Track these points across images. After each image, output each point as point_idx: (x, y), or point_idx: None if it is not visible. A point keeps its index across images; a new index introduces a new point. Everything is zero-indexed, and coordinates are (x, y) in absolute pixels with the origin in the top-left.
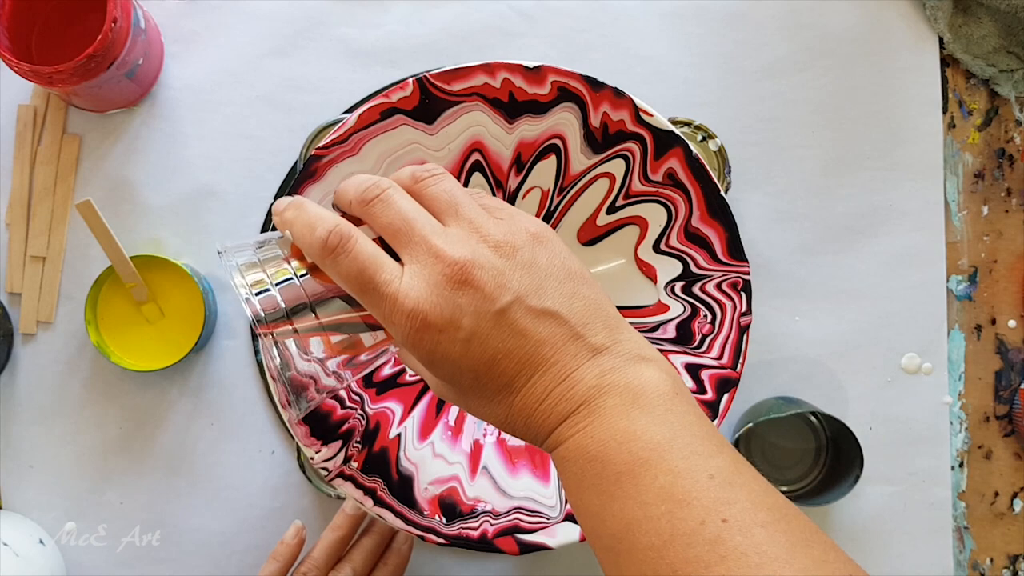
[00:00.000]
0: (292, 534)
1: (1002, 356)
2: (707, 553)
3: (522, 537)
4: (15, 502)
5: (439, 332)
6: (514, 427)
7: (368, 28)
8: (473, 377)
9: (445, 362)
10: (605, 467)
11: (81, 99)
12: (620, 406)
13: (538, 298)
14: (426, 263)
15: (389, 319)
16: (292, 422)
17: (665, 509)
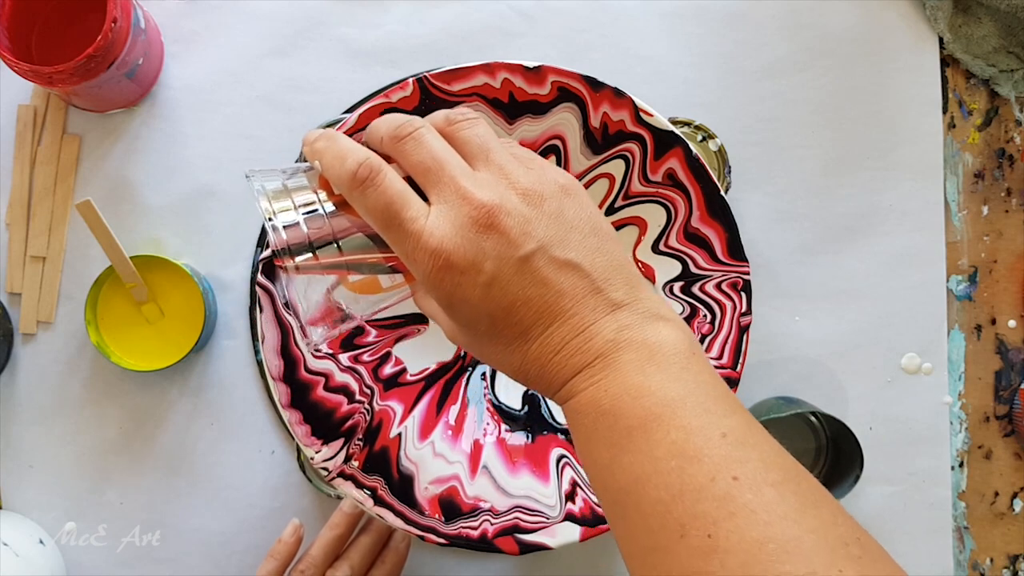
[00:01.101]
0: (290, 532)
1: (1002, 356)
2: (716, 509)
3: (522, 537)
4: (15, 502)
5: (460, 274)
6: (527, 376)
7: (368, 28)
8: (490, 323)
9: (464, 305)
10: (617, 421)
11: (81, 99)
12: (636, 362)
13: (562, 249)
14: (453, 204)
15: (411, 257)
16: (291, 422)
17: (675, 464)
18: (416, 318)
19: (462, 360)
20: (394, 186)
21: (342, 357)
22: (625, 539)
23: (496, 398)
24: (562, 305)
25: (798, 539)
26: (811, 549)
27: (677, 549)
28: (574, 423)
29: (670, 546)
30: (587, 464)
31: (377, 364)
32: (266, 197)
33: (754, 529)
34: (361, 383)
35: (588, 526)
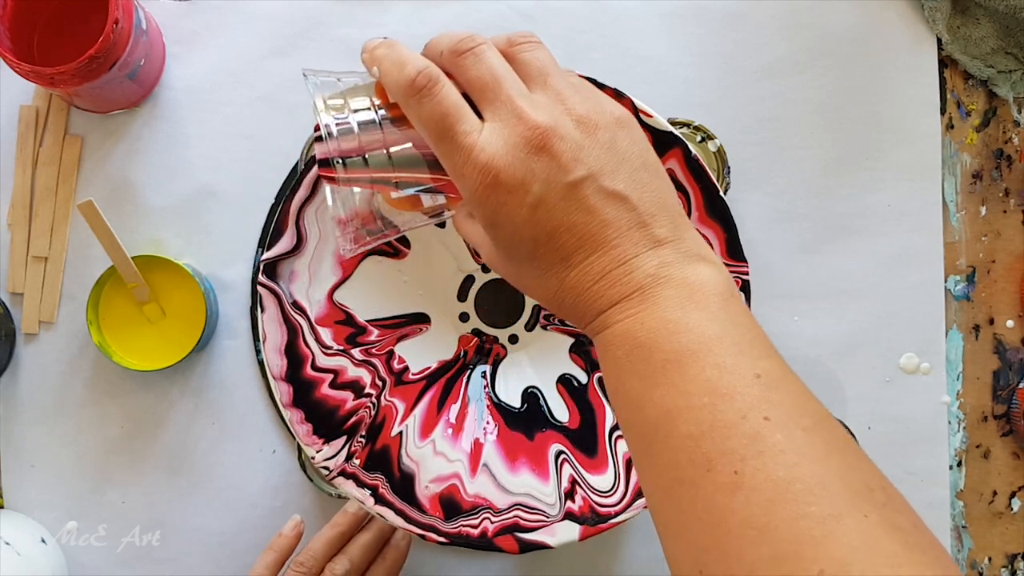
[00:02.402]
0: (291, 527)
1: (1000, 356)
2: (745, 446)
3: (522, 536)
4: (17, 501)
5: (508, 193)
6: (562, 303)
7: (368, 28)
8: (532, 246)
9: (507, 225)
10: (651, 354)
11: (83, 100)
12: (675, 298)
13: (611, 179)
14: (507, 122)
15: (460, 171)
16: (292, 421)
17: (708, 400)
18: (417, 317)
19: (463, 359)
20: (450, 97)
21: (355, 352)
22: (649, 473)
23: (496, 396)
24: (606, 235)
25: (825, 481)
26: (837, 492)
27: (703, 483)
28: (605, 355)
29: (696, 480)
30: (616, 397)
31: (387, 358)
32: (322, 97)
33: (781, 469)
34: (375, 375)
35: (588, 525)
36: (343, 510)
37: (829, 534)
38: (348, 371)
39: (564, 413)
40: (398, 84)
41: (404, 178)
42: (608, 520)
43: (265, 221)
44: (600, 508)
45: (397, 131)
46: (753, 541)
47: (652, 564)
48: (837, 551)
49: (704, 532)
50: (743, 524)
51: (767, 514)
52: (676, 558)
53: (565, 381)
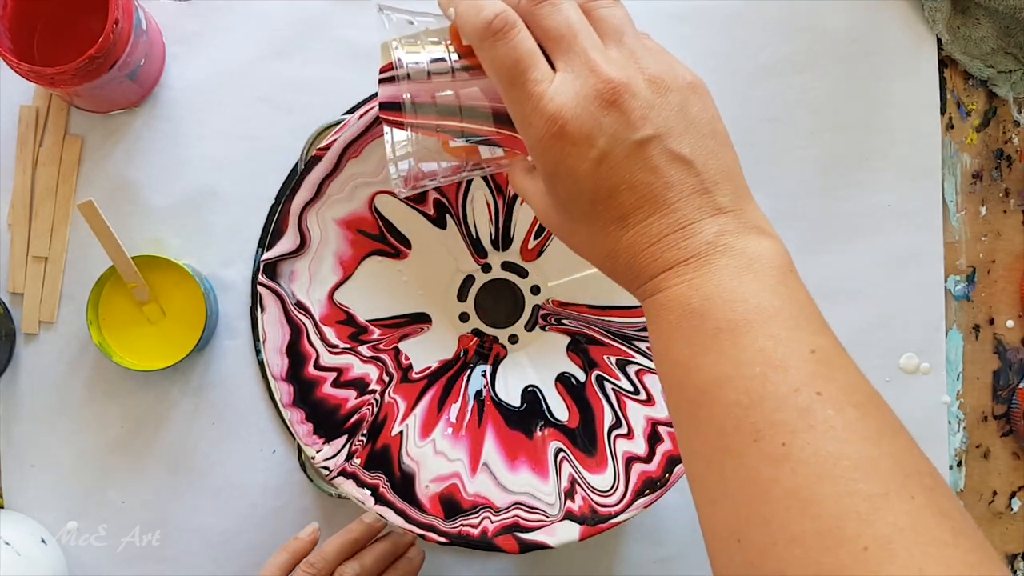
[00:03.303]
0: (308, 532)
1: (1000, 356)
2: (795, 419)
3: (522, 536)
4: (17, 501)
5: (572, 144)
6: (615, 263)
7: (369, 30)
8: (591, 201)
9: (568, 178)
10: (704, 321)
11: (83, 100)
12: (732, 267)
13: (678, 142)
14: (580, 74)
15: (527, 119)
16: (293, 421)
17: (760, 371)
18: (418, 317)
19: (463, 358)
20: (525, 43)
21: (362, 349)
22: (691, 439)
23: (496, 395)
24: (667, 197)
25: (874, 460)
26: (887, 472)
27: (748, 453)
28: (656, 318)
29: (741, 449)
30: (663, 362)
31: (395, 353)
32: (397, 36)
33: (831, 444)
34: (383, 369)
35: (588, 525)
36: (359, 519)
37: (875, 512)
38: (354, 369)
39: (564, 412)
40: (474, 26)
41: (469, 128)
42: (608, 520)
43: (265, 221)
44: (600, 508)
45: (468, 78)
46: (797, 513)
47: (652, 564)
48: (882, 529)
49: (746, 501)
50: (788, 495)
51: (813, 487)
52: (712, 525)
53: (564, 379)
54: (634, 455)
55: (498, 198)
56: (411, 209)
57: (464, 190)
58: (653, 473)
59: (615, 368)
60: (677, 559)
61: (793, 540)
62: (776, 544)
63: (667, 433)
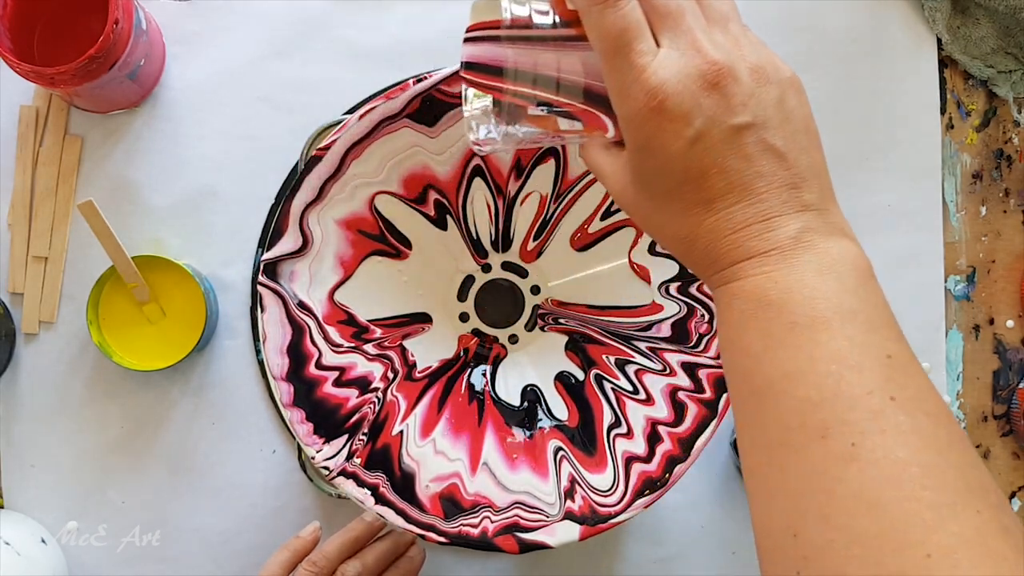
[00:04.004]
0: (309, 530)
1: (1000, 356)
2: (867, 421)
3: (522, 536)
4: (17, 501)
5: (669, 120)
6: (691, 246)
7: (369, 30)
8: (678, 181)
9: (660, 154)
10: (781, 314)
11: (83, 100)
12: (814, 264)
13: (773, 134)
14: (685, 52)
15: (626, 90)
16: (293, 421)
17: (834, 369)
18: (419, 317)
19: (463, 357)
20: (634, 13)
21: (367, 348)
22: (752, 430)
23: (496, 394)
24: (756, 187)
25: (942, 470)
26: (954, 483)
27: (813, 449)
28: (727, 306)
29: (806, 445)
30: (731, 350)
31: (402, 351)
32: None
33: (902, 449)
34: (388, 367)
35: (588, 525)
36: (360, 518)
37: (940, 521)
38: (357, 367)
39: (563, 411)
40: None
41: (559, 101)
42: (608, 520)
43: (265, 221)
44: (600, 508)
45: (566, 46)
46: (860, 514)
47: (652, 564)
48: (946, 539)
49: (807, 496)
50: (852, 496)
51: (880, 491)
52: (767, 518)
53: (563, 378)
54: (634, 455)
55: (498, 199)
56: (411, 209)
57: (464, 191)
58: (653, 473)
59: (614, 368)
60: (677, 559)
61: (854, 540)
62: (835, 542)
63: (667, 433)
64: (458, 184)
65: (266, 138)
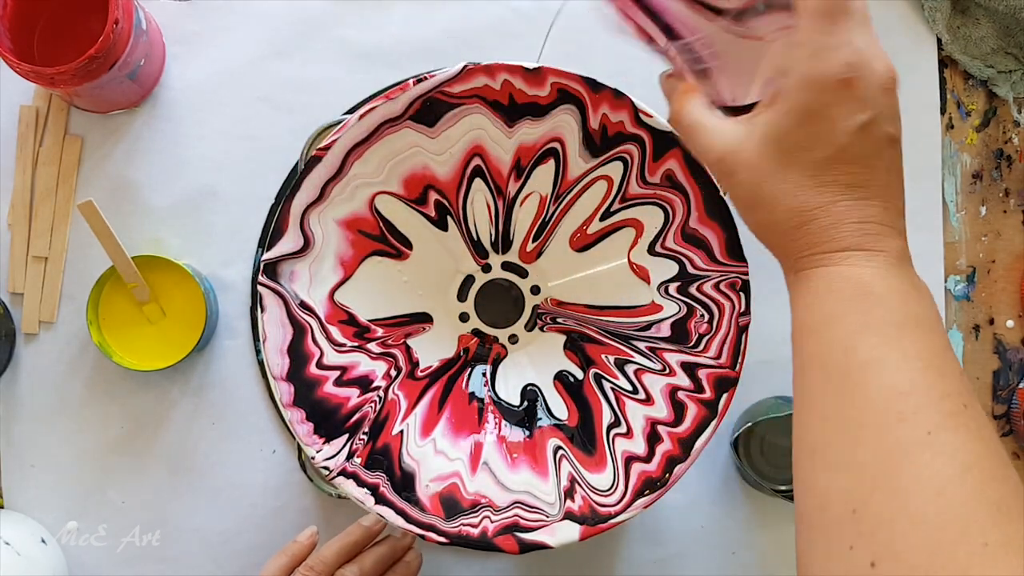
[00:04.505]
0: (306, 535)
1: (1000, 356)
2: (943, 416)
3: (522, 536)
4: (17, 501)
5: (851, 99)
6: (807, 219)
7: (369, 30)
8: (830, 158)
9: (825, 124)
10: (878, 307)
11: (83, 100)
12: (911, 277)
13: (902, 158)
14: (873, 44)
15: (825, 51)
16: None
17: (921, 367)
18: (419, 317)
19: (463, 357)
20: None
21: (371, 346)
22: (826, 406)
23: (496, 394)
24: (888, 195)
25: (1005, 476)
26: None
27: (890, 430)
28: (823, 288)
29: (884, 426)
30: (819, 328)
31: (406, 349)
32: None
33: (970, 449)
34: (392, 364)
35: (588, 525)
36: (358, 523)
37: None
38: (359, 366)
39: (563, 411)
40: None
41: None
42: (608, 520)
43: (265, 221)
44: (600, 508)
45: None
46: (926, 498)
47: (652, 564)
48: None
49: (876, 474)
50: (921, 480)
51: (947, 480)
52: (824, 494)
53: (562, 377)
54: (634, 455)
55: (498, 199)
56: (411, 210)
57: (464, 191)
58: (653, 473)
59: (613, 367)
60: (677, 559)
61: (916, 522)
62: (896, 522)
63: (666, 433)
64: (458, 185)
65: (266, 138)
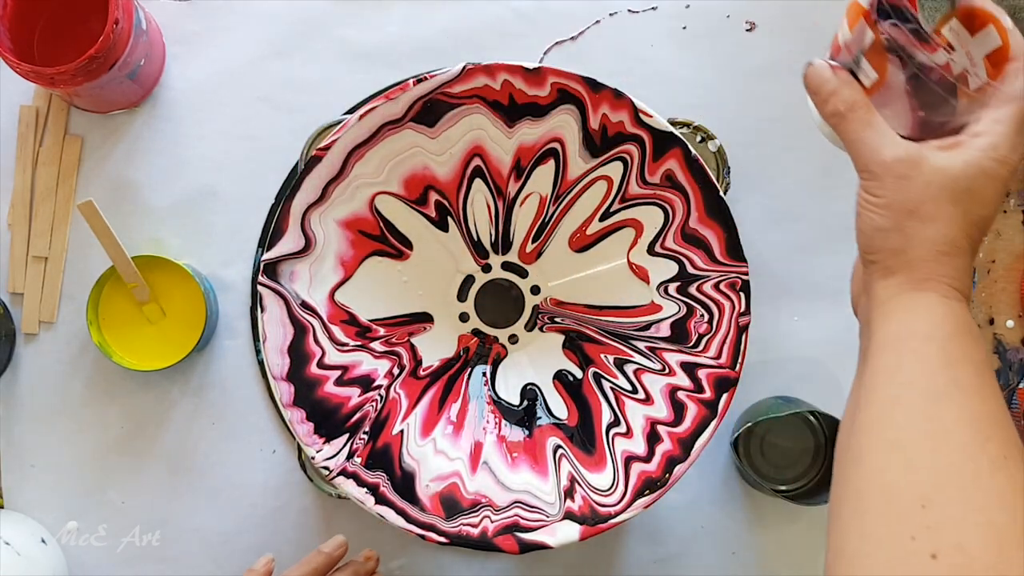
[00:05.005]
0: (262, 563)
1: (1000, 356)
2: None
3: (522, 536)
4: (17, 501)
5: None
6: (949, 250)
7: (369, 29)
8: (985, 214)
9: (995, 193)
10: (978, 347)
11: (83, 100)
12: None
13: None
14: None
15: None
16: (293, 421)
17: (1001, 403)
18: (420, 316)
19: (464, 356)
20: None
21: (375, 345)
22: (912, 412)
23: (496, 394)
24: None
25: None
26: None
27: (977, 445)
28: (940, 311)
29: (970, 440)
30: (932, 335)
31: (411, 347)
32: None
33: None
34: (396, 362)
35: (588, 525)
36: (318, 550)
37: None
38: (362, 365)
39: (562, 410)
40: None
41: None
42: (608, 520)
43: (265, 221)
44: (600, 508)
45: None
46: (993, 507)
47: (652, 564)
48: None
49: (953, 474)
50: (996, 491)
51: (1015, 497)
52: (895, 481)
53: (561, 377)
54: (633, 454)
55: (498, 200)
56: (412, 210)
57: (464, 192)
58: (653, 473)
59: (612, 367)
60: (677, 559)
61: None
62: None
63: (666, 433)
64: (458, 185)
65: (266, 138)
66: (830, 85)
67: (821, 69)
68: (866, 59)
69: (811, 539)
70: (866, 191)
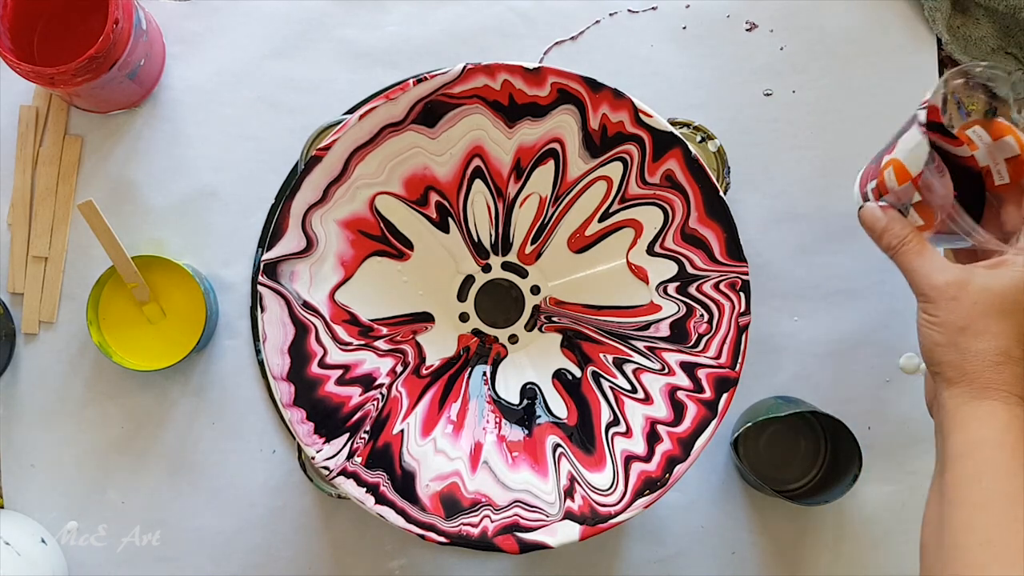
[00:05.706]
0: None
1: None
2: None
3: (522, 536)
4: (17, 501)
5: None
6: (1005, 359)
7: (369, 30)
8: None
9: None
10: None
11: (83, 100)
12: None
13: None
14: None
15: None
16: (293, 421)
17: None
18: (421, 316)
19: (464, 355)
20: None
21: (378, 344)
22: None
23: (496, 393)
24: None
25: None
26: None
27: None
28: (1005, 416)
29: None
30: (998, 441)
31: (416, 345)
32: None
33: None
34: (400, 360)
35: (588, 525)
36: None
37: None
38: (364, 364)
39: (562, 409)
40: None
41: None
42: (608, 520)
43: (265, 221)
44: (600, 508)
45: None
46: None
47: (652, 564)
48: None
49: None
50: None
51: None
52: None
53: (560, 376)
54: (633, 454)
55: (498, 201)
56: (411, 211)
57: (465, 192)
58: (653, 473)
59: (612, 367)
60: (677, 559)
61: None
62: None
63: (666, 433)
64: (459, 186)
65: (266, 138)
66: (881, 223)
67: (872, 210)
68: (914, 209)
69: (811, 539)
70: (923, 311)
